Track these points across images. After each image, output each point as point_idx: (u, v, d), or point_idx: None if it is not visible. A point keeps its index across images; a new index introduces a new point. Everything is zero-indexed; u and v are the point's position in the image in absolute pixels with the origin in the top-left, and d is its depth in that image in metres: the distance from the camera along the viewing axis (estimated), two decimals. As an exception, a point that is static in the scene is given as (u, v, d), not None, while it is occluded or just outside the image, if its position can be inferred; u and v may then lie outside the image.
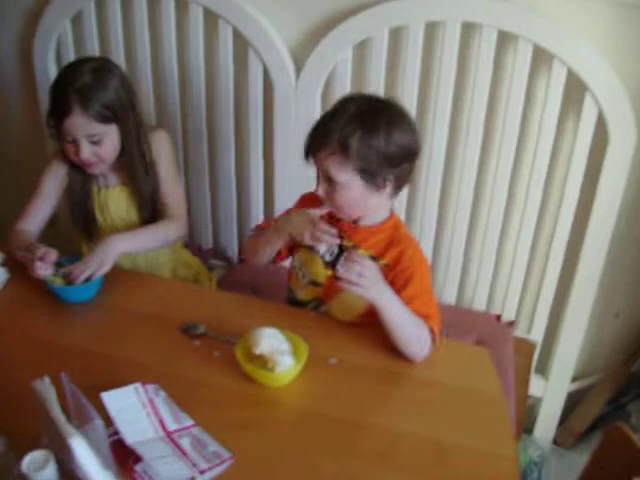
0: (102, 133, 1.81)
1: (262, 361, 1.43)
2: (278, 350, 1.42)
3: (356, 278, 1.44)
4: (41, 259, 1.68)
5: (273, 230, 1.68)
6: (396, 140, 1.50)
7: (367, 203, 1.57)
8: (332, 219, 1.64)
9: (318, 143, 1.52)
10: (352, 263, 1.45)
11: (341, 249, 1.62)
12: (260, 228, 1.81)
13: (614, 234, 2.06)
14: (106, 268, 1.71)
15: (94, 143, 1.81)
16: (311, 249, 1.65)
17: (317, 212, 1.58)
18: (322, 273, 1.66)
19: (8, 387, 1.38)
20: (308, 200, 1.72)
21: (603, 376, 2.43)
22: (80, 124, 1.78)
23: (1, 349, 1.52)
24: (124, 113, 1.84)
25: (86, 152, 1.81)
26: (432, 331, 1.53)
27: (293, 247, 1.73)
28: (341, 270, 1.45)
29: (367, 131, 1.48)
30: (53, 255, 1.71)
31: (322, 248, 1.54)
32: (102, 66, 1.86)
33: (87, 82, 1.78)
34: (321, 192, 1.55)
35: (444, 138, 2.09)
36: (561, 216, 2.08)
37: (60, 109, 1.78)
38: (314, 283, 1.69)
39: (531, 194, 2.08)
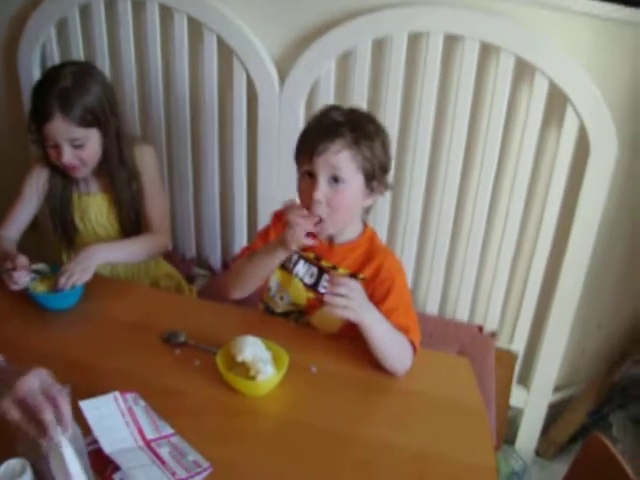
0: (83, 137, 1.81)
1: (243, 370, 1.43)
2: (260, 358, 1.42)
3: (343, 302, 1.42)
4: (14, 269, 1.66)
5: (265, 253, 1.62)
6: (387, 149, 1.57)
7: (356, 209, 1.59)
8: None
9: (329, 137, 1.49)
10: (337, 286, 1.43)
11: (321, 270, 1.63)
12: (240, 257, 1.76)
13: (595, 245, 2.07)
14: (87, 276, 1.71)
15: (76, 147, 1.81)
16: (289, 271, 1.67)
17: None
18: (303, 296, 1.66)
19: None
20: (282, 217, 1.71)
21: (585, 387, 2.44)
22: (61, 129, 1.77)
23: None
24: (105, 118, 1.84)
25: (68, 156, 1.81)
26: (412, 344, 1.54)
27: None
28: (328, 296, 1.43)
29: (368, 134, 1.52)
30: (23, 260, 1.68)
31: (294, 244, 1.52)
32: (83, 70, 1.86)
33: (67, 86, 1.77)
34: (320, 196, 1.51)
35: (427, 148, 2.10)
36: (543, 227, 2.09)
37: (41, 114, 1.77)
38: (294, 304, 1.68)
39: (513, 205, 2.09)
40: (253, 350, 1.43)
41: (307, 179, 1.55)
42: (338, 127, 1.50)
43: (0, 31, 2.49)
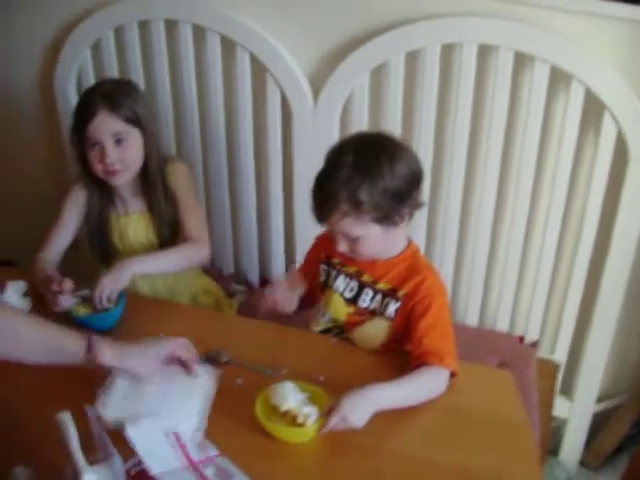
0: (126, 132, 1.84)
1: (283, 417, 1.39)
2: (303, 402, 1.39)
3: (343, 423, 1.36)
4: (60, 292, 1.69)
5: None
6: (400, 174, 1.48)
7: (388, 241, 1.58)
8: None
9: (327, 209, 1.49)
10: (332, 418, 1.35)
11: (361, 285, 1.63)
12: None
13: (637, 253, 2.05)
14: (119, 286, 1.73)
15: (118, 142, 1.83)
16: (329, 287, 1.68)
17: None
18: (343, 311, 1.66)
19: (32, 418, 1.38)
20: (326, 239, 1.70)
21: (628, 397, 2.40)
22: (105, 122, 1.81)
23: (26, 379, 1.51)
24: (147, 122, 1.88)
25: (112, 154, 1.83)
26: (446, 367, 1.51)
27: (314, 292, 1.74)
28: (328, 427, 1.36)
29: (372, 177, 1.45)
30: (69, 284, 1.71)
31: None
32: (124, 80, 1.97)
33: (111, 89, 1.85)
34: (344, 249, 1.54)
35: (462, 160, 2.09)
36: (583, 236, 2.07)
37: (85, 114, 1.82)
38: (334, 321, 1.69)
39: (552, 214, 2.07)
40: (295, 396, 1.40)
41: (330, 231, 1.57)
42: (334, 196, 1.45)
43: (37, 54, 2.52)
